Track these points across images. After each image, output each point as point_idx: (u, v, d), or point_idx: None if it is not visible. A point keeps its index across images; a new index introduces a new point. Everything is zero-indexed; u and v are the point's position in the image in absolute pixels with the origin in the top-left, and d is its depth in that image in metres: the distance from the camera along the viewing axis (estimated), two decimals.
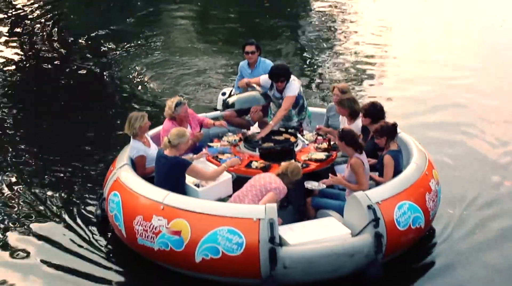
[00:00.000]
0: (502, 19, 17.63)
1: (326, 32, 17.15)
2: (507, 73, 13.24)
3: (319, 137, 7.74)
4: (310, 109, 8.49)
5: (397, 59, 14.52)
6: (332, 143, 7.41)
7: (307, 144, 7.60)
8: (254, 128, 8.11)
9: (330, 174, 6.85)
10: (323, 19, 18.70)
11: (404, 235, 6.27)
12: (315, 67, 14.13)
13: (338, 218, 6.41)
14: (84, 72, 13.51)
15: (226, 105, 7.97)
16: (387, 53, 15.02)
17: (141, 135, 7.26)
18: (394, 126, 6.78)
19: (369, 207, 6.04)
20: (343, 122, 7.70)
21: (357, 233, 6.11)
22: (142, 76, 13.30)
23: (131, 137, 7.29)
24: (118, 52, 14.93)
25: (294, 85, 7.90)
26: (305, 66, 14.17)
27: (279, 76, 7.81)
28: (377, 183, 6.76)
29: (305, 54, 15.16)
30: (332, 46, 15.72)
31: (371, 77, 13.38)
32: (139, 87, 12.62)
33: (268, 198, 6.21)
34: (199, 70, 13.64)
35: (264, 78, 7.99)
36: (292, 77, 7.97)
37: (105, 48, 15.20)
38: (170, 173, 6.64)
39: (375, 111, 7.16)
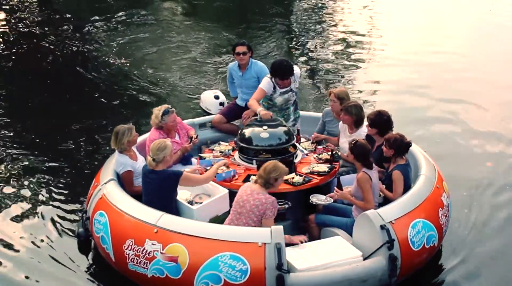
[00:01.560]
0: (491, 3, 17.48)
1: (317, 14, 16.86)
2: (495, 55, 13.44)
3: (319, 147, 7.23)
4: (301, 113, 8.07)
5: (385, 45, 14.48)
6: (334, 152, 6.90)
7: (307, 154, 7.09)
8: None
9: (335, 188, 6.36)
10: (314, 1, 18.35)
11: (418, 255, 5.81)
12: (305, 49, 13.79)
13: (346, 238, 5.93)
14: (65, 52, 13.15)
15: (242, 139, 6.89)
16: (375, 38, 14.95)
17: (128, 149, 6.68)
18: (407, 145, 6.30)
19: (382, 227, 5.56)
20: (344, 130, 7.21)
21: (369, 255, 5.64)
22: (124, 56, 12.98)
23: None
24: (100, 30, 14.56)
25: (298, 71, 7.70)
26: (293, 48, 13.81)
27: (291, 73, 7.34)
28: (385, 198, 6.29)
29: (294, 36, 14.81)
30: (323, 29, 15.47)
31: (360, 61, 13.32)
32: (122, 68, 12.33)
33: (267, 224, 5.70)
34: (182, 49, 13.41)
35: (266, 85, 7.40)
36: None
37: (88, 27, 14.75)
38: (161, 189, 6.06)
39: (381, 121, 6.67)
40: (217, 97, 8.86)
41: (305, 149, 7.16)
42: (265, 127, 6.72)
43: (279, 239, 5.35)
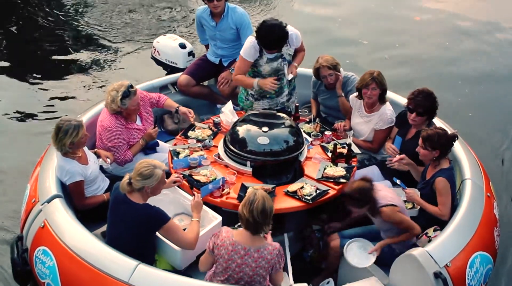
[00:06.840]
0: None
1: None
2: None
3: (327, 133, 5.51)
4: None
5: None
6: (350, 144, 5.25)
7: (312, 143, 5.44)
8: (227, 110, 5.74)
9: None
10: None
11: None
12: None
13: (380, 275, 4.50)
14: None
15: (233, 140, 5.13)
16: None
17: (74, 151, 4.86)
18: (454, 137, 4.77)
19: (437, 275, 4.14)
20: (358, 107, 5.59)
21: None
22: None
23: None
24: None
25: (296, 32, 5.64)
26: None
27: (283, 41, 5.36)
28: (422, 211, 4.84)
29: None
30: None
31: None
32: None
33: (277, 278, 4.17)
34: None
35: (250, 50, 5.45)
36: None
37: None
38: (134, 228, 4.32)
39: (431, 104, 5.10)
40: (183, 46, 6.86)
41: (307, 133, 5.52)
42: (265, 129, 5.00)
43: None
